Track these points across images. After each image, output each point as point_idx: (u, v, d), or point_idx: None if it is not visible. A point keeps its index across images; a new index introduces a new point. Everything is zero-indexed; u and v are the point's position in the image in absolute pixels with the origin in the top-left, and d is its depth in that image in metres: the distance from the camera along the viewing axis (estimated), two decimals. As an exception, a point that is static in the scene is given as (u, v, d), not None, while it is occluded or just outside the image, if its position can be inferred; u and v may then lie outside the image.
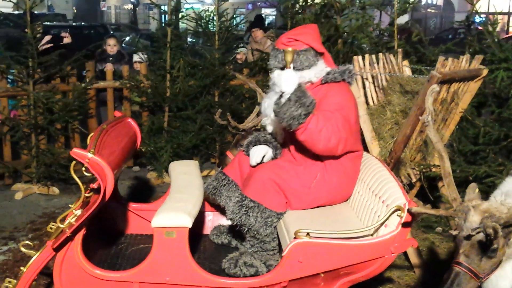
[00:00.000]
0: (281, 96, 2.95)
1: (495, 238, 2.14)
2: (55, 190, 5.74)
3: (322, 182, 3.16)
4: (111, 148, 2.91)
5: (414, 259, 4.01)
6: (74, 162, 2.67)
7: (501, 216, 2.20)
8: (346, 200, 3.35)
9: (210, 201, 3.67)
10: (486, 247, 2.23)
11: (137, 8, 45.96)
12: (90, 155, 2.57)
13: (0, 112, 5.66)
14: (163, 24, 6.55)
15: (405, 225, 2.71)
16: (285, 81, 2.93)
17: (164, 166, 6.09)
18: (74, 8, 36.88)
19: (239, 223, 3.14)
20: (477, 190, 2.47)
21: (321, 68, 3.20)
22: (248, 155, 3.48)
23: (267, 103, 3.22)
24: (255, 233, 3.16)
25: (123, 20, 45.12)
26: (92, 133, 2.94)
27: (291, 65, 2.97)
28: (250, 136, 3.67)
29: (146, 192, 5.92)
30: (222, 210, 3.76)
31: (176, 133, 6.15)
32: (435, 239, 4.52)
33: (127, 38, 17.61)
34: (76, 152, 2.57)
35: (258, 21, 7.99)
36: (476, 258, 2.26)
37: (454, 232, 2.28)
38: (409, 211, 2.56)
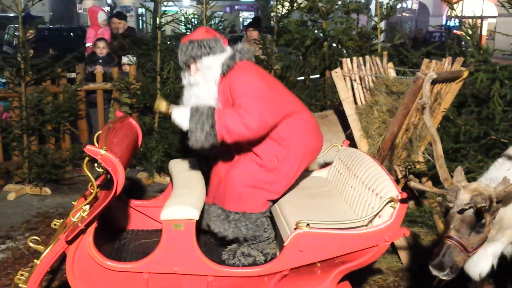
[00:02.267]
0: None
1: (489, 210, 2.38)
2: (47, 190, 5.81)
3: (282, 156, 3.32)
4: (119, 146, 3.04)
5: (401, 251, 4.23)
6: (87, 158, 2.79)
7: (490, 193, 2.45)
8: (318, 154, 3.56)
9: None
10: (475, 222, 2.47)
11: (114, 11, 45.70)
12: (102, 151, 2.70)
13: (-8, 113, 5.72)
14: (141, 27, 6.67)
15: (398, 215, 2.92)
16: (178, 120, 3.17)
17: (154, 166, 6.21)
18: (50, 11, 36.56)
19: (233, 236, 3.30)
20: (463, 172, 2.73)
21: (213, 63, 3.29)
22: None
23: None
24: (252, 237, 3.33)
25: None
26: (100, 132, 3.06)
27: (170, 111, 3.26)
28: None
29: (138, 192, 6.02)
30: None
31: (167, 134, 6.27)
32: (420, 232, 4.74)
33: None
34: (89, 149, 2.69)
35: (256, 22, 8.23)
36: (466, 232, 2.48)
37: (450, 205, 2.50)
38: (407, 185, 2.72)
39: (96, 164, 2.77)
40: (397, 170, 4.43)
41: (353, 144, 4.29)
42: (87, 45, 7.96)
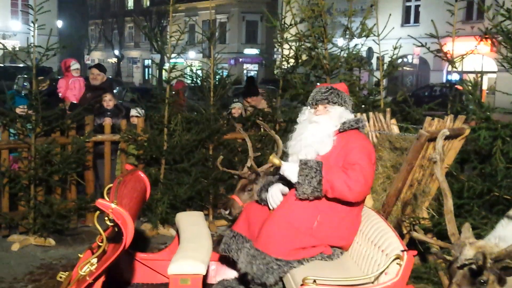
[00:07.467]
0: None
1: (484, 265, 2.40)
2: (51, 241, 5.79)
3: (324, 223, 3.39)
4: (128, 199, 3.09)
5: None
6: (98, 212, 2.84)
7: (493, 251, 2.49)
8: (348, 248, 3.55)
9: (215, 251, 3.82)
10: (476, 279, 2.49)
11: (121, 62, 46.78)
12: (113, 205, 2.76)
13: (1, 164, 5.78)
14: (147, 78, 6.80)
15: (404, 272, 2.93)
16: (288, 173, 3.38)
17: (159, 218, 6.22)
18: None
19: (244, 270, 3.31)
20: (471, 229, 2.78)
21: (343, 114, 3.61)
22: (261, 202, 3.67)
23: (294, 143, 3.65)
24: (257, 280, 3.31)
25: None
26: (111, 185, 3.12)
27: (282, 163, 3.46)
28: (260, 182, 3.90)
29: (141, 243, 5.99)
30: (223, 261, 3.91)
31: (172, 185, 6.31)
32: (425, 289, 4.71)
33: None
34: (101, 203, 2.75)
35: (252, 89, 7.77)
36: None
37: (448, 258, 2.55)
38: (411, 236, 2.76)
39: (106, 218, 2.81)
40: (402, 225, 4.45)
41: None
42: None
